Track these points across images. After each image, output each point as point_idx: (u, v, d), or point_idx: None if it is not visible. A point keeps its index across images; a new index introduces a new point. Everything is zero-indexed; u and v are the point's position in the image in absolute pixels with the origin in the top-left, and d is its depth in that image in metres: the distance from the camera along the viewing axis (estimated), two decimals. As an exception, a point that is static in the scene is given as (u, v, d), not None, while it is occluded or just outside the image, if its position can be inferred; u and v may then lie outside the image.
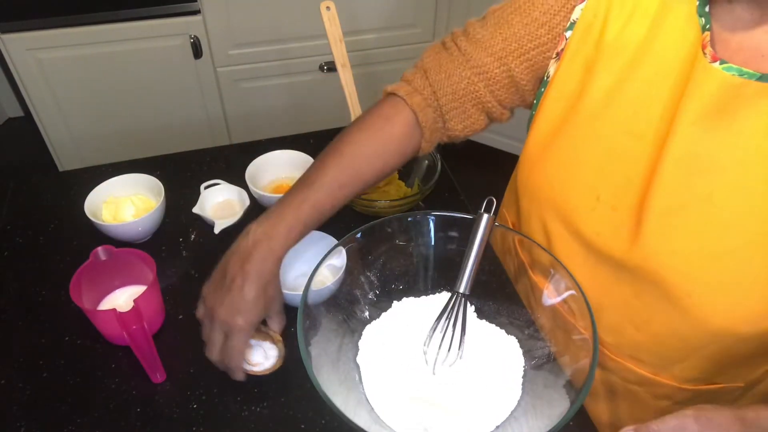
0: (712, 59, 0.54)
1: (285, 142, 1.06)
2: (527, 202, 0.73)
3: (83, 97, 1.73)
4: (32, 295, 0.83)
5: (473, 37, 0.70)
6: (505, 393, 0.65)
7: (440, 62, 0.72)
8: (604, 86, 0.61)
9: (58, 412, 0.70)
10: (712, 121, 0.54)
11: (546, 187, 0.69)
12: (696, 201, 0.55)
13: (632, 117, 0.60)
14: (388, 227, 0.73)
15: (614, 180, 0.62)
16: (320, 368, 0.60)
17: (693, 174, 0.55)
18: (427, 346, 0.68)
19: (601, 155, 0.62)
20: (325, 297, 0.70)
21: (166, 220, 0.94)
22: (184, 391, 0.73)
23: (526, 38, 0.67)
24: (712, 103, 0.53)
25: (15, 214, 0.96)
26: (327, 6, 0.90)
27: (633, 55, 0.59)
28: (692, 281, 0.57)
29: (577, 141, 0.65)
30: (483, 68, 0.69)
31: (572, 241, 0.68)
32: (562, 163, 0.67)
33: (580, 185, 0.65)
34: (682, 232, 0.56)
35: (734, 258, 0.54)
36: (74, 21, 1.59)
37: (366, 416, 0.63)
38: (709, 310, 0.57)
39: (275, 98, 1.96)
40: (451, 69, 0.71)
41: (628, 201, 0.61)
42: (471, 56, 0.69)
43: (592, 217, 0.64)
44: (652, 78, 0.58)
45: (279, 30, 1.80)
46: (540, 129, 0.69)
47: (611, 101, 0.61)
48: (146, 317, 0.70)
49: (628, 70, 0.60)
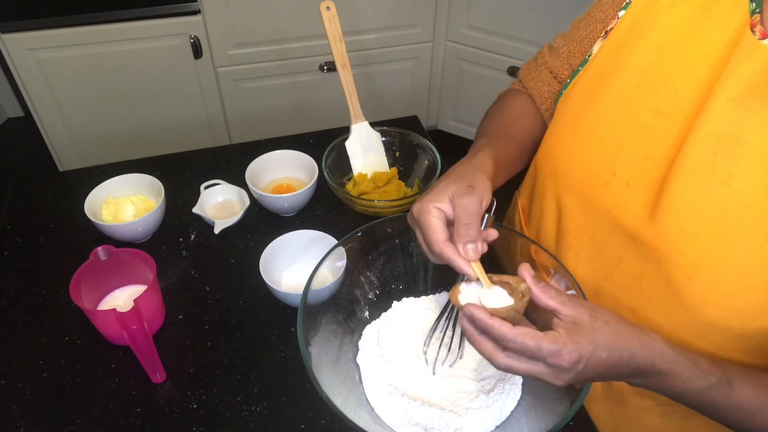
0: (762, 36, 0.53)
1: (285, 142, 1.06)
2: (543, 177, 0.74)
3: (83, 97, 1.73)
4: (32, 295, 0.83)
5: (553, 46, 0.80)
6: (505, 393, 0.65)
7: (529, 71, 0.83)
8: (640, 64, 0.62)
9: (58, 412, 0.70)
10: (749, 100, 0.53)
11: (565, 160, 0.69)
12: (716, 182, 0.55)
13: (662, 96, 0.60)
14: (388, 227, 0.73)
15: (632, 156, 0.62)
16: (320, 368, 0.60)
17: (717, 154, 0.55)
18: (427, 346, 0.68)
19: (623, 131, 0.63)
20: (325, 297, 0.70)
21: (166, 220, 0.94)
22: (184, 391, 0.73)
23: (587, 38, 0.72)
24: (753, 81, 0.53)
25: (15, 214, 0.96)
26: (327, 6, 0.90)
27: (676, 36, 0.59)
28: (696, 264, 0.57)
29: (602, 117, 0.65)
30: (556, 71, 0.78)
31: (582, 218, 0.68)
32: (583, 138, 0.67)
33: (598, 160, 0.65)
34: (696, 212, 0.56)
35: (743, 245, 0.54)
36: (74, 21, 1.59)
37: (366, 416, 0.63)
38: (707, 297, 0.57)
39: (275, 98, 1.96)
40: (536, 75, 0.81)
41: (642, 177, 0.61)
42: (548, 62, 0.79)
43: (605, 192, 0.64)
44: (691, 59, 0.58)
45: (279, 30, 1.80)
46: (568, 104, 0.70)
47: (644, 80, 0.61)
48: (146, 317, 0.70)
49: (668, 50, 0.60)
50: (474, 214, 0.58)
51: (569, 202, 0.70)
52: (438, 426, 0.61)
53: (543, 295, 0.53)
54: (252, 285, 0.85)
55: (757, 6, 0.55)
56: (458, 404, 0.64)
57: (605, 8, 0.70)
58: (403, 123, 1.12)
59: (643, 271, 0.62)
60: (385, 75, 2.06)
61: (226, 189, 0.96)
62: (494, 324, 0.50)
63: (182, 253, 0.90)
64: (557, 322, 0.52)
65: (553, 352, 0.49)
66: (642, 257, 0.62)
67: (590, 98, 0.67)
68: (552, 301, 0.52)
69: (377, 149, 1.01)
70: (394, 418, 0.63)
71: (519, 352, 0.50)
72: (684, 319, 0.60)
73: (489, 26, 1.95)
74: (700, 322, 0.58)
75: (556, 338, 0.49)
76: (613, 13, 0.68)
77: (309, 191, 0.94)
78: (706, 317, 0.57)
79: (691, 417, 0.68)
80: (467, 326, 0.53)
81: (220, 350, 0.77)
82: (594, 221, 0.67)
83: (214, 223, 0.91)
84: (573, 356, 0.49)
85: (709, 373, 0.56)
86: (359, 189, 0.96)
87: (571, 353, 0.49)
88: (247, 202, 0.94)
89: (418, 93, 2.18)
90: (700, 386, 0.55)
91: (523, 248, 0.74)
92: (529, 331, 0.50)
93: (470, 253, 0.57)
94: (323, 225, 0.94)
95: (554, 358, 0.49)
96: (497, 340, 0.50)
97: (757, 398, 0.56)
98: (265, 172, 0.99)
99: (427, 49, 2.05)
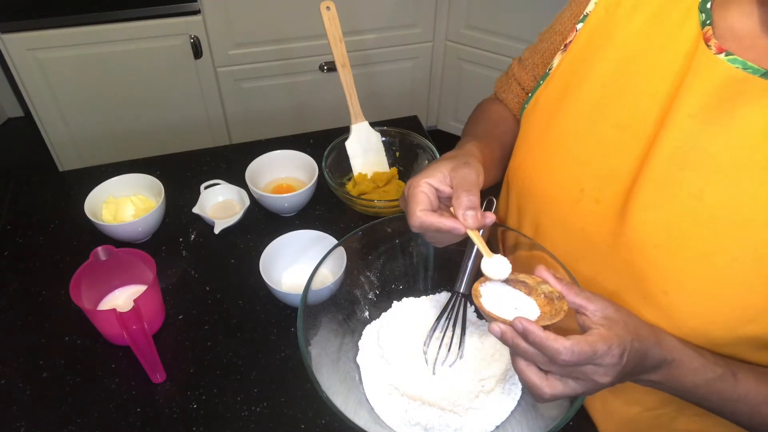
0: (718, 50, 0.53)
1: (285, 142, 1.06)
2: (516, 195, 0.74)
3: (83, 97, 1.73)
4: (32, 295, 0.83)
5: (521, 58, 0.80)
6: (505, 393, 0.65)
7: (501, 84, 0.84)
8: (601, 78, 0.62)
9: (58, 412, 0.70)
10: (712, 114, 0.53)
11: (535, 178, 0.69)
12: (686, 196, 0.55)
13: (623, 110, 0.60)
14: (388, 227, 0.73)
15: (599, 172, 0.62)
16: (320, 368, 0.60)
17: (685, 168, 0.55)
18: (427, 346, 0.68)
19: (588, 147, 0.63)
20: (325, 297, 0.70)
21: (166, 220, 0.94)
22: (184, 391, 0.73)
23: (548, 50, 0.72)
24: (713, 95, 0.53)
25: (15, 214, 0.96)
26: (327, 6, 0.90)
27: (633, 49, 0.59)
28: (671, 279, 0.56)
29: (567, 133, 0.65)
30: (523, 83, 0.78)
31: (557, 235, 0.68)
32: (549, 155, 0.67)
33: (566, 177, 0.65)
34: (668, 227, 0.56)
35: (717, 258, 0.54)
36: (74, 21, 1.59)
37: (366, 416, 0.63)
38: (685, 310, 0.56)
39: (275, 98, 1.96)
40: (507, 87, 0.82)
41: (611, 194, 0.61)
42: (516, 74, 0.80)
43: (576, 210, 0.64)
44: (649, 72, 0.58)
45: (279, 30, 1.80)
46: (533, 119, 0.70)
47: (605, 94, 0.61)
48: (146, 317, 0.70)
49: (626, 63, 0.60)
50: (473, 184, 0.57)
51: (543, 220, 0.69)
52: (438, 426, 0.61)
53: (569, 293, 0.52)
54: (252, 285, 0.85)
55: (707, 17, 0.55)
56: (458, 404, 0.64)
57: (564, 20, 0.70)
58: (403, 123, 1.12)
59: (619, 286, 0.62)
60: (385, 75, 2.06)
61: (226, 189, 0.96)
62: (549, 336, 0.47)
63: (182, 253, 0.90)
64: (588, 319, 0.51)
65: (605, 351, 0.48)
66: (616, 273, 0.61)
67: (554, 113, 0.66)
68: (577, 297, 0.52)
69: (377, 149, 1.01)
70: (394, 418, 0.63)
71: (574, 363, 0.48)
72: (666, 329, 0.58)
73: (489, 26, 1.95)
74: (681, 334, 0.58)
75: (603, 336, 0.48)
76: (572, 25, 0.68)
77: (309, 191, 0.94)
78: (688, 329, 0.57)
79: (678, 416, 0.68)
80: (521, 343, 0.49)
81: (220, 350, 0.77)
82: (568, 238, 0.66)
83: (214, 223, 0.91)
84: (620, 349, 0.48)
85: (715, 364, 0.56)
86: (359, 189, 0.96)
87: (619, 346, 0.48)
88: (247, 202, 0.94)
89: (418, 93, 2.18)
90: (708, 377, 0.55)
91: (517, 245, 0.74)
92: (579, 338, 0.48)
93: (469, 219, 0.55)
94: (323, 225, 0.94)
95: (606, 357, 0.48)
96: (550, 355, 0.47)
97: (760, 390, 0.56)
98: (265, 172, 0.99)
99: (427, 49, 2.05)
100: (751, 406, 0.57)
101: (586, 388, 0.50)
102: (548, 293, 0.54)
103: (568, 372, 0.49)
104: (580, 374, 0.49)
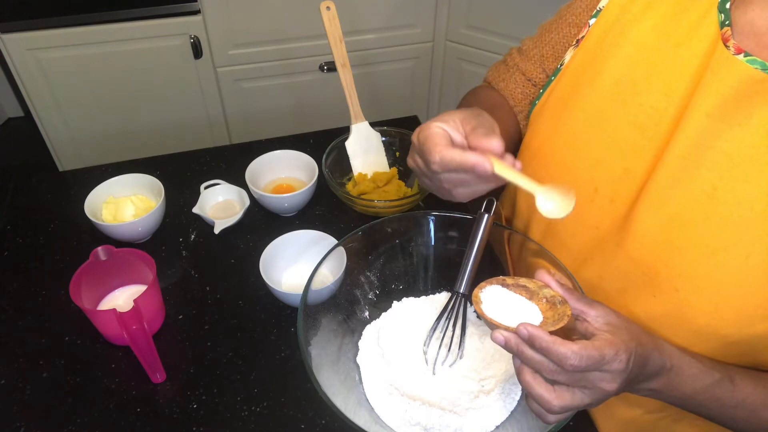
0: (736, 51, 0.53)
1: (285, 142, 1.06)
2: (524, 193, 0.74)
3: (83, 97, 1.73)
4: (32, 295, 0.83)
5: (522, 49, 0.79)
6: (505, 393, 0.65)
7: (499, 73, 0.82)
8: (614, 76, 0.61)
9: (58, 412, 0.70)
10: (729, 113, 0.53)
11: (545, 177, 0.68)
12: (699, 194, 0.55)
13: (637, 109, 0.59)
14: (388, 227, 0.73)
15: (613, 172, 0.62)
16: (320, 368, 0.60)
17: (701, 167, 0.55)
18: (427, 346, 0.68)
19: (601, 147, 0.62)
20: (325, 297, 0.70)
21: (166, 220, 0.94)
22: (184, 391, 0.73)
23: (560, 42, 0.71)
24: (732, 95, 0.53)
25: (15, 214, 0.96)
26: (327, 6, 0.90)
27: (648, 46, 0.59)
28: (682, 276, 0.56)
29: (579, 131, 0.65)
30: (529, 74, 0.77)
31: (567, 234, 0.68)
32: (562, 154, 0.67)
33: (579, 176, 0.65)
34: (680, 224, 0.56)
35: (729, 255, 0.54)
36: (74, 21, 1.59)
37: (366, 416, 0.63)
38: (696, 307, 0.56)
39: (275, 98, 1.96)
40: (508, 77, 0.80)
41: (626, 193, 0.61)
42: (519, 64, 0.78)
43: (590, 209, 0.64)
44: (665, 71, 0.58)
45: (279, 30, 1.80)
46: (544, 117, 0.70)
47: (619, 93, 0.61)
48: (146, 317, 0.70)
49: (641, 61, 0.60)
50: (491, 129, 0.55)
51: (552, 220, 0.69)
52: (438, 426, 0.61)
53: (570, 299, 0.52)
54: (252, 285, 0.85)
55: (726, 18, 0.55)
56: (458, 404, 0.64)
57: (578, 12, 0.69)
58: (403, 123, 1.11)
59: (627, 285, 0.62)
60: (385, 75, 2.06)
61: (226, 189, 0.96)
62: (556, 341, 0.46)
63: (182, 253, 0.90)
64: (590, 326, 0.50)
65: (613, 356, 0.47)
66: (624, 272, 0.61)
67: (565, 111, 0.66)
68: (578, 303, 0.52)
69: (377, 149, 1.01)
70: (394, 418, 0.63)
71: (583, 369, 0.47)
72: (673, 330, 0.59)
73: (489, 26, 1.94)
74: (691, 331, 0.58)
75: (610, 341, 0.48)
76: (585, 20, 0.67)
77: (309, 191, 0.94)
78: (697, 326, 0.57)
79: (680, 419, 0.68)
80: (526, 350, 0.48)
81: (220, 350, 0.77)
82: (578, 237, 0.66)
83: (214, 223, 0.90)
84: (626, 354, 0.48)
85: (713, 369, 0.56)
86: (359, 189, 0.96)
87: (625, 352, 0.48)
88: (247, 202, 0.94)
89: (418, 93, 2.18)
90: (706, 383, 0.55)
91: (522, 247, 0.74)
92: (587, 343, 0.47)
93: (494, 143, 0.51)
94: (323, 225, 0.94)
95: (614, 363, 0.47)
96: (558, 360, 0.47)
97: (758, 395, 0.56)
98: (265, 172, 0.99)
99: (427, 49, 2.05)
100: (749, 411, 0.57)
101: (592, 399, 0.49)
102: (550, 297, 0.53)
103: (575, 380, 0.48)
104: (587, 382, 0.48)
